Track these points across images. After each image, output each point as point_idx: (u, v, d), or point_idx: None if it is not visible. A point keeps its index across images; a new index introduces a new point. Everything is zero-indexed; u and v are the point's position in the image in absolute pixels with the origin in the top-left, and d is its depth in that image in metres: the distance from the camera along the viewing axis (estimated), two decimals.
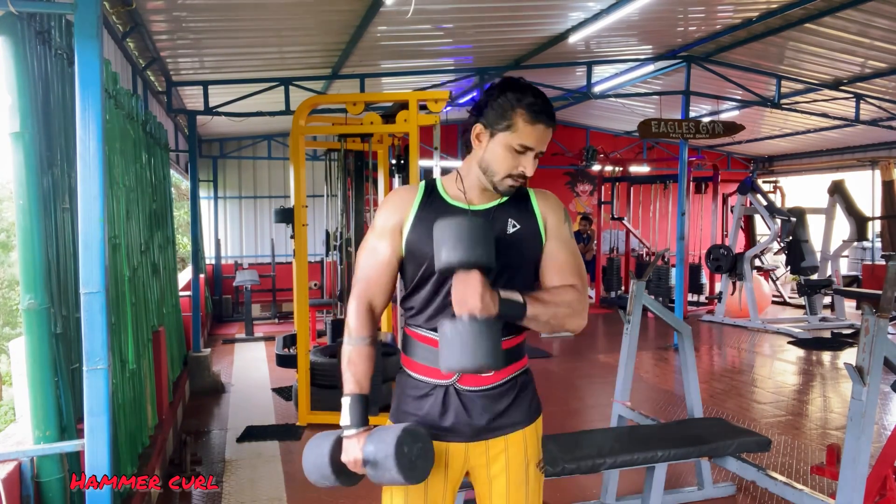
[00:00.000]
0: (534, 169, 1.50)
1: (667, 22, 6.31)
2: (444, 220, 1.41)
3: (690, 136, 7.28)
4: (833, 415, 5.10)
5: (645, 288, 3.74)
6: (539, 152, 1.50)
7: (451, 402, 1.57)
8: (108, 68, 2.93)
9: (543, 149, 1.50)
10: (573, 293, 1.52)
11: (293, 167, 4.93)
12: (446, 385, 1.57)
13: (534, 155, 1.49)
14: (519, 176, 1.50)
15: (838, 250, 9.74)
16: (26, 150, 2.10)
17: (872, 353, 2.39)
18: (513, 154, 1.48)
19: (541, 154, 1.50)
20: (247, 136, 10.72)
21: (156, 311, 4.06)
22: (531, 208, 1.59)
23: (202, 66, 6.36)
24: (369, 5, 4.88)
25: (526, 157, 1.48)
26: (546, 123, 1.47)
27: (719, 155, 13.11)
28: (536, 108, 1.45)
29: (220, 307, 10.26)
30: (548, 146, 1.52)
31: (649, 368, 6.63)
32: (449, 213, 1.53)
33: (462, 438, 1.58)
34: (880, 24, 5.94)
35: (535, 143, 1.47)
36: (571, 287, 1.54)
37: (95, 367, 2.05)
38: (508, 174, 1.50)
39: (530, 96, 1.46)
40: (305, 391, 4.81)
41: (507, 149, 1.48)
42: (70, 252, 2.42)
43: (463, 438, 1.58)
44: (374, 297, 1.60)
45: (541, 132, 1.47)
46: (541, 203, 1.61)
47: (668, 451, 2.89)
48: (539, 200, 1.61)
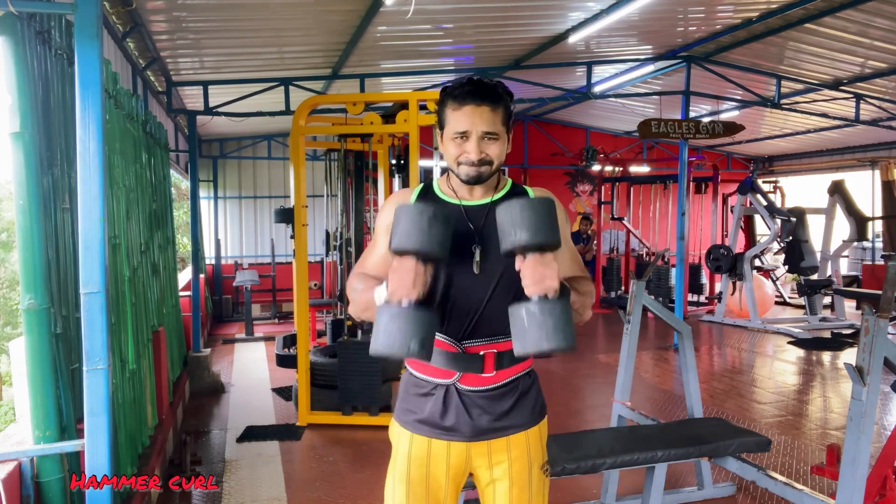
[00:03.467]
0: (479, 152, 1.49)
1: (667, 22, 6.31)
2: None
3: (690, 136, 7.29)
4: (833, 415, 5.10)
5: (645, 288, 3.74)
6: (484, 133, 1.48)
7: (452, 402, 1.58)
8: (108, 68, 2.94)
9: (484, 128, 1.48)
10: (589, 284, 1.59)
11: (293, 167, 4.93)
12: (447, 384, 1.58)
13: (477, 138, 1.49)
14: (469, 163, 1.50)
15: (838, 250, 9.74)
16: (26, 150, 2.10)
17: (872, 353, 2.39)
18: (456, 143, 1.51)
19: (489, 135, 1.49)
20: (247, 136, 10.72)
21: (156, 311, 4.06)
22: None
23: (202, 66, 6.36)
24: (369, 5, 4.88)
25: (469, 143, 1.49)
26: (474, 103, 1.47)
27: (719, 155, 13.10)
28: (458, 92, 1.48)
29: (220, 307, 10.26)
30: (547, 148, 1.52)
31: (649, 368, 6.63)
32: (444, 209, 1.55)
33: (463, 438, 1.59)
34: (880, 24, 5.94)
35: (466, 125, 1.48)
36: (584, 278, 1.59)
37: (95, 367, 2.05)
38: (458, 162, 1.52)
39: (455, 86, 1.49)
40: (305, 391, 4.81)
41: (450, 140, 1.52)
42: (70, 252, 2.42)
43: (464, 438, 1.59)
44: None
45: (469, 113, 1.47)
46: None
47: (668, 451, 2.89)
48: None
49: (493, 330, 1.56)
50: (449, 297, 1.54)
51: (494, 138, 1.50)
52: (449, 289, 1.53)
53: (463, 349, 1.56)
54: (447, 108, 1.51)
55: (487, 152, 1.50)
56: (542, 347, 1.32)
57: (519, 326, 1.35)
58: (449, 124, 1.51)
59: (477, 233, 1.54)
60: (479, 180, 1.53)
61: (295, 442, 4.50)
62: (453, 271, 1.52)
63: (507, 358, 1.57)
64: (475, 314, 1.55)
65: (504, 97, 1.51)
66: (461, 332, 1.56)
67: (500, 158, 1.54)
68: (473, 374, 1.57)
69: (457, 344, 1.56)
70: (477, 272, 1.53)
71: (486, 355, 1.56)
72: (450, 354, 1.56)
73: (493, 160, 1.52)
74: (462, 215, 1.56)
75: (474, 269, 1.53)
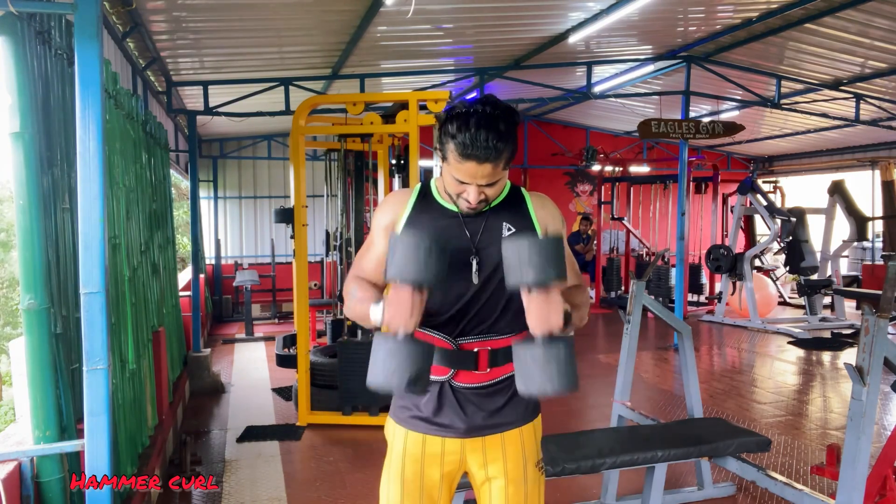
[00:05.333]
0: (479, 197, 1.47)
1: (667, 22, 6.31)
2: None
3: (690, 137, 7.28)
4: (833, 415, 5.10)
5: (645, 288, 3.74)
6: (484, 185, 1.46)
7: (446, 398, 1.59)
8: (108, 68, 2.94)
9: (485, 181, 1.45)
10: (584, 293, 1.59)
11: (293, 167, 4.93)
12: (442, 381, 1.59)
13: (475, 192, 1.46)
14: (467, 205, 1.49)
15: (838, 250, 9.75)
16: (26, 150, 2.10)
17: (872, 353, 2.39)
18: (456, 182, 1.47)
19: (491, 185, 1.47)
20: (247, 136, 10.72)
21: (156, 311, 4.06)
22: (527, 211, 1.60)
23: (202, 66, 6.36)
24: (369, 5, 4.88)
25: (468, 191, 1.47)
26: (477, 161, 1.40)
27: (719, 155, 13.10)
28: (464, 148, 1.39)
29: (220, 307, 10.26)
30: (547, 148, 1.52)
31: (649, 368, 6.63)
32: (440, 215, 1.56)
33: (457, 434, 1.59)
34: (880, 24, 5.94)
35: (468, 178, 1.44)
36: (579, 287, 1.59)
37: (95, 367, 2.05)
38: (459, 196, 1.50)
39: (463, 133, 1.39)
40: (305, 391, 4.81)
41: (450, 175, 1.48)
42: (70, 252, 2.41)
43: (458, 434, 1.59)
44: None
45: (472, 169, 1.42)
46: (537, 207, 1.62)
47: (668, 451, 2.89)
48: (535, 204, 1.62)
49: (488, 327, 1.57)
50: (445, 298, 1.55)
51: (494, 184, 1.49)
52: (446, 291, 1.53)
53: (457, 346, 1.57)
54: (450, 152, 1.43)
55: (486, 194, 1.49)
56: (545, 391, 1.37)
57: (524, 368, 1.39)
58: (451, 166, 1.45)
59: (474, 240, 1.55)
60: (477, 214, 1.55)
61: (295, 442, 4.50)
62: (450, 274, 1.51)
63: (501, 355, 1.58)
64: (470, 312, 1.56)
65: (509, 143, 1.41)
66: (456, 329, 1.57)
67: (499, 192, 1.55)
68: (468, 371, 1.57)
69: (451, 341, 1.57)
70: (476, 281, 1.54)
71: (480, 352, 1.57)
72: (444, 351, 1.57)
73: (490, 199, 1.52)
74: (459, 221, 1.56)
75: (473, 279, 1.54)
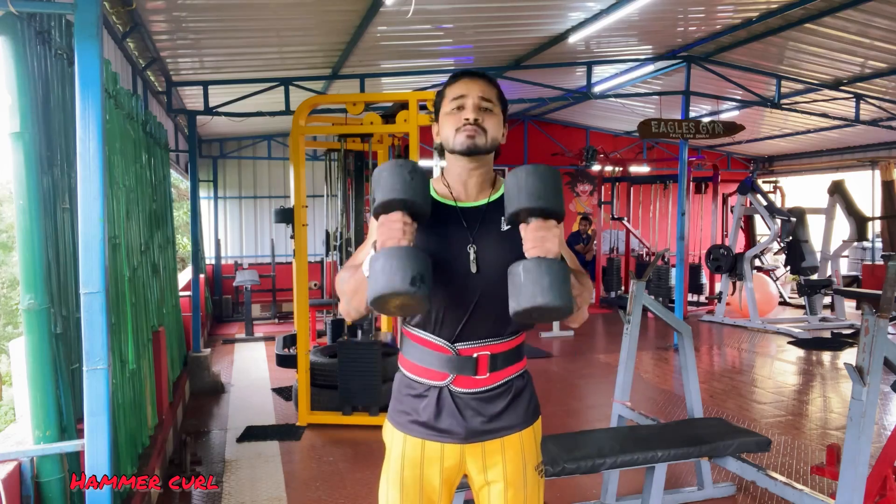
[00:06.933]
0: (476, 110, 1.53)
1: (667, 22, 6.31)
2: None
3: (690, 136, 7.28)
4: (833, 415, 5.10)
5: (645, 288, 3.74)
6: (480, 98, 1.54)
7: (445, 404, 1.57)
8: (108, 68, 2.93)
9: (480, 94, 1.54)
10: (587, 278, 1.59)
11: (293, 167, 4.93)
12: (441, 386, 1.57)
13: (474, 103, 1.53)
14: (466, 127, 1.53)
15: (838, 250, 9.74)
16: (26, 150, 2.10)
17: (872, 353, 2.39)
18: (454, 116, 1.55)
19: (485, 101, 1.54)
20: (247, 136, 10.72)
21: (156, 311, 4.06)
22: None
23: (202, 66, 6.36)
24: (369, 5, 4.88)
25: (465, 109, 1.54)
26: (469, 77, 1.57)
27: (719, 155, 13.11)
28: (454, 77, 1.58)
29: (220, 307, 10.26)
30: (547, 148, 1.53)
31: (649, 368, 6.63)
32: (438, 210, 1.54)
33: (457, 440, 1.58)
34: (880, 24, 5.94)
35: (463, 91, 1.55)
36: (582, 272, 1.59)
37: (95, 367, 2.05)
38: (456, 130, 1.54)
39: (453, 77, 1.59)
40: (305, 391, 4.81)
41: (448, 116, 1.56)
42: (70, 252, 2.42)
43: (457, 440, 1.58)
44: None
45: (466, 83, 1.56)
46: None
47: (668, 451, 2.89)
48: None
49: (487, 332, 1.55)
50: (442, 298, 1.53)
51: (490, 110, 1.55)
52: (442, 290, 1.52)
53: (456, 351, 1.55)
54: (446, 92, 1.58)
55: (484, 119, 1.53)
56: (535, 302, 1.31)
57: (515, 283, 1.35)
58: (446, 98, 1.57)
59: (472, 234, 1.54)
60: (476, 150, 1.53)
61: (295, 442, 4.50)
62: (447, 272, 1.51)
63: (500, 360, 1.57)
64: (468, 316, 1.54)
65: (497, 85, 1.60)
66: (454, 334, 1.55)
67: (495, 136, 1.56)
68: (467, 377, 1.56)
69: (450, 346, 1.55)
70: (474, 271, 1.51)
71: (479, 357, 1.55)
72: (443, 357, 1.55)
73: (488, 130, 1.53)
74: (457, 216, 1.55)
75: (471, 268, 1.51)
